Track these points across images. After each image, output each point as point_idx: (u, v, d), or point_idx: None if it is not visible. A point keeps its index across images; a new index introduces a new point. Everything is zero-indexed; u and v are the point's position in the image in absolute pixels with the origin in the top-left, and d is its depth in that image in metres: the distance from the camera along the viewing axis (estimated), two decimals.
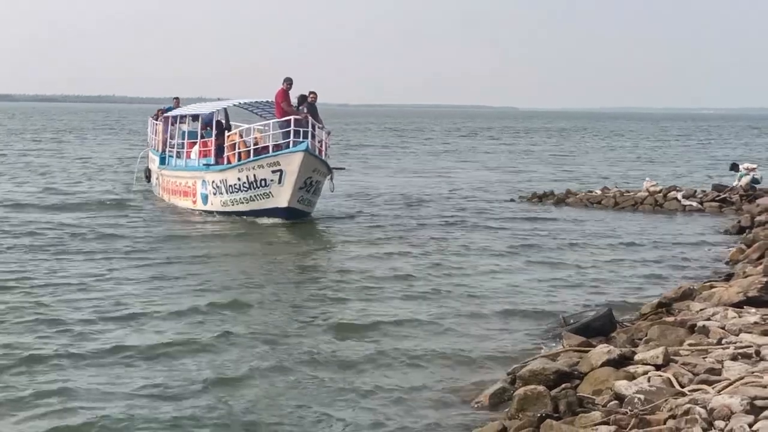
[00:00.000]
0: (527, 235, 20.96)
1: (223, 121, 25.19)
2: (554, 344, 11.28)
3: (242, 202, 22.31)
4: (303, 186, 21.47)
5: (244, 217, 22.25)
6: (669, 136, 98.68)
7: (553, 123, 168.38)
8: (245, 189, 22.01)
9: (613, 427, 7.51)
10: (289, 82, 22.57)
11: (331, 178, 22.49)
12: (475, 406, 9.16)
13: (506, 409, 8.67)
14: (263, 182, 21.63)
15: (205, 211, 23.47)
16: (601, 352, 9.53)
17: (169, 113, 27.32)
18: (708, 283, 13.83)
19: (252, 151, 22.33)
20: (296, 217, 21.87)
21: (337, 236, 20.48)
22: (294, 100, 22.57)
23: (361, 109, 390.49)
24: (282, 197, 21.52)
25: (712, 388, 8.04)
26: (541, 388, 8.57)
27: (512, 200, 28.76)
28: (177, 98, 29.86)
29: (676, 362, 9.03)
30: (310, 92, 22.92)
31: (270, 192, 21.65)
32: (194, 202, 24.13)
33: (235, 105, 25.55)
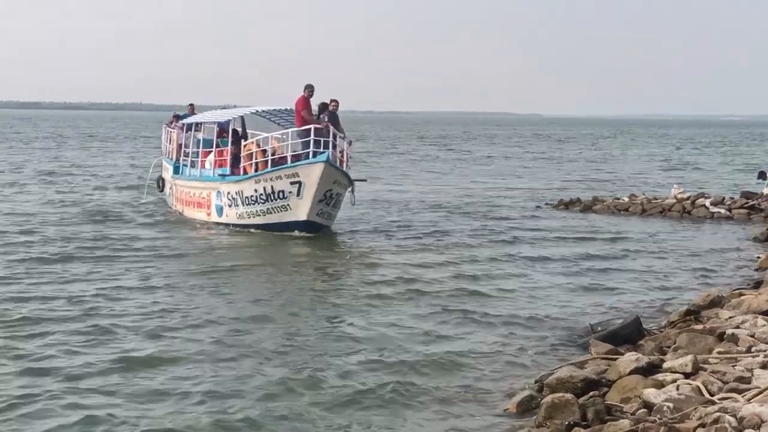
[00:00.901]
0: (554, 242, 20.90)
1: (240, 130, 24.25)
2: (582, 352, 11.22)
3: (259, 215, 21.39)
4: (323, 198, 20.54)
5: (262, 230, 21.27)
6: (697, 143, 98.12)
7: (578, 129, 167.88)
8: (262, 201, 21.14)
9: None
10: (310, 89, 21.65)
11: (353, 191, 21.66)
12: (503, 414, 9.13)
13: (534, 417, 8.65)
14: (281, 194, 20.69)
15: (219, 224, 22.50)
16: (629, 360, 9.49)
17: (184, 120, 26.56)
18: (737, 291, 13.74)
19: (270, 162, 21.40)
20: (315, 230, 20.88)
21: (358, 249, 19.67)
22: (315, 108, 21.70)
23: (385, 116, 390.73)
24: (301, 210, 20.56)
25: (742, 396, 7.99)
26: (568, 396, 8.54)
27: (538, 207, 28.71)
28: (192, 105, 28.96)
29: (705, 370, 8.98)
30: (332, 100, 22.11)
31: (288, 204, 20.70)
32: (208, 214, 23.16)
33: (252, 113, 24.46)
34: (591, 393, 8.86)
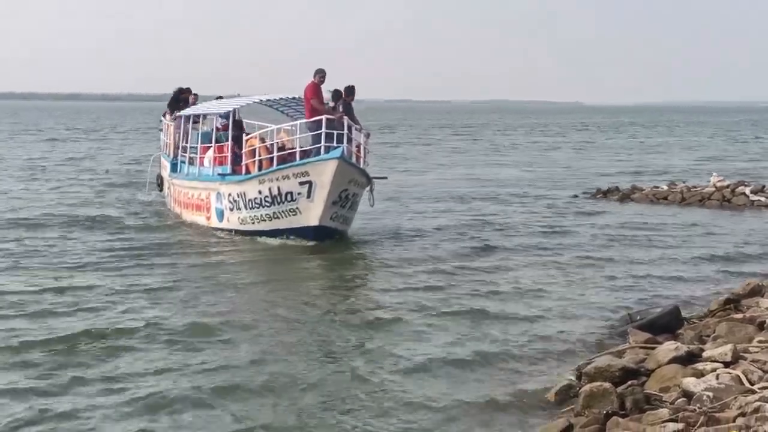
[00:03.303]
0: (592, 231, 20.80)
1: (242, 122, 21.69)
2: (620, 341, 11.20)
3: (264, 220, 18.64)
4: (337, 200, 17.90)
5: (268, 237, 18.63)
6: (740, 129, 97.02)
7: (619, 117, 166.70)
8: (267, 204, 18.39)
9: (681, 425, 7.44)
10: (321, 74, 18.89)
11: (371, 190, 18.98)
12: (542, 403, 9.15)
13: (572, 406, 8.67)
14: (289, 196, 18.01)
15: (220, 229, 19.74)
16: (668, 349, 9.46)
17: (181, 112, 23.19)
18: None
19: (275, 159, 18.69)
20: (329, 236, 18.23)
21: (378, 258, 17.29)
22: (327, 96, 19.21)
23: (423, 105, 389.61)
24: (312, 214, 17.88)
25: None
26: (607, 384, 8.54)
27: (576, 196, 28.59)
28: (195, 94, 25.04)
29: (746, 359, 8.94)
30: (346, 87, 19.33)
31: (297, 208, 18.04)
32: (208, 218, 20.30)
33: (256, 102, 21.54)
34: (629, 382, 8.85)
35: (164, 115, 25.71)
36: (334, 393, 9.38)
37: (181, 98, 24.72)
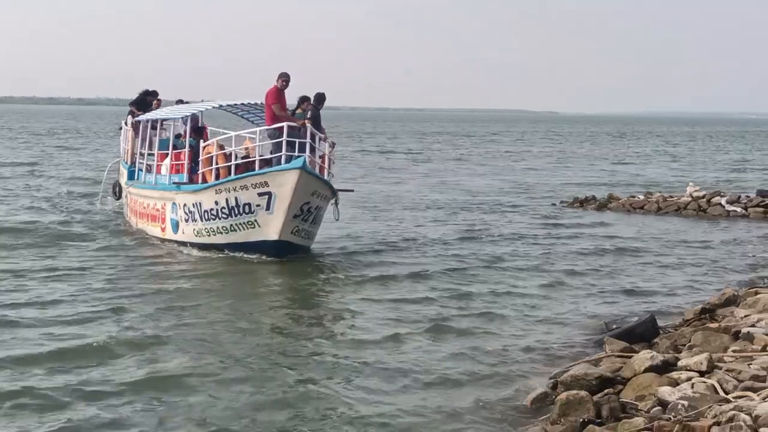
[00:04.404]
0: (569, 240, 20.88)
1: (203, 127, 20.40)
2: (596, 350, 11.22)
3: (221, 233, 17.48)
4: (299, 213, 16.79)
5: (225, 251, 17.49)
6: (719, 140, 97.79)
7: (596, 127, 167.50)
8: (224, 216, 17.25)
9: None
10: (284, 78, 17.74)
11: (336, 203, 18.06)
12: (517, 410, 9.14)
13: (548, 414, 8.66)
14: (247, 208, 16.90)
15: (175, 242, 18.57)
16: (644, 357, 9.49)
17: (140, 117, 21.92)
18: (753, 290, 13.70)
19: (233, 167, 17.59)
20: (290, 252, 17.13)
21: (344, 275, 16.07)
22: (294, 103, 18.26)
23: (397, 113, 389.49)
24: (271, 228, 16.79)
25: (757, 395, 7.97)
26: (583, 393, 8.55)
27: (553, 205, 28.69)
28: (158, 99, 23.48)
29: (721, 369, 8.97)
30: (316, 94, 18.32)
31: (256, 220, 16.92)
32: (163, 230, 19.16)
33: (215, 107, 20.44)
34: (606, 390, 8.89)
35: (129, 115, 23.78)
36: (295, 406, 9.18)
37: (147, 101, 23.45)
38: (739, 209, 26.10)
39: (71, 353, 10.76)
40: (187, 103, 22.53)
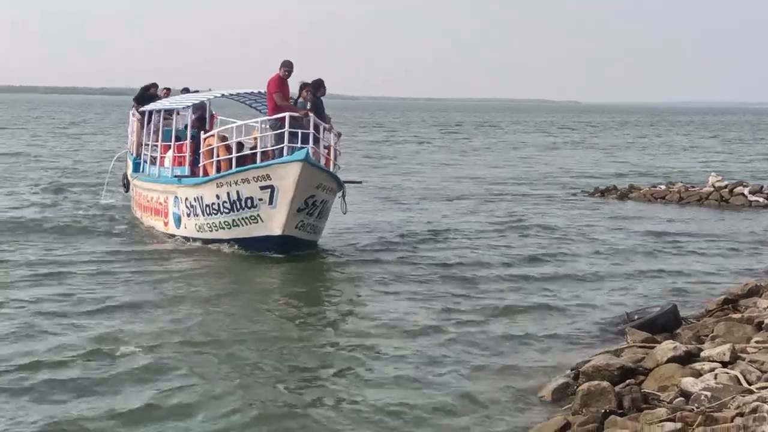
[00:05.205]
0: (591, 230, 20.78)
1: (207, 118, 19.76)
2: (618, 340, 11.18)
3: (223, 228, 16.86)
4: (303, 207, 16.10)
5: (227, 245, 16.94)
6: (740, 130, 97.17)
7: (619, 117, 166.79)
8: (226, 210, 16.65)
9: (679, 424, 7.41)
10: (287, 67, 17.03)
11: (343, 196, 17.48)
12: (539, 401, 9.13)
13: (569, 405, 8.63)
14: (249, 202, 16.29)
15: (177, 236, 18.03)
16: (666, 348, 9.44)
17: (147, 106, 21.27)
18: None
19: (234, 160, 16.91)
20: (295, 247, 16.45)
21: (352, 272, 15.61)
22: (296, 92, 17.64)
23: (418, 103, 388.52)
24: (275, 222, 16.13)
25: None
26: (605, 383, 8.51)
27: (574, 195, 28.62)
28: (167, 88, 23.25)
29: (744, 359, 8.91)
30: (314, 81, 17.61)
31: (258, 215, 16.27)
32: (166, 224, 18.62)
33: (218, 96, 19.70)
34: (627, 381, 8.85)
35: (133, 109, 23.47)
36: (305, 397, 9.12)
37: (147, 95, 22.98)
38: (761, 199, 25.93)
39: (70, 352, 10.49)
40: (195, 92, 22.00)
